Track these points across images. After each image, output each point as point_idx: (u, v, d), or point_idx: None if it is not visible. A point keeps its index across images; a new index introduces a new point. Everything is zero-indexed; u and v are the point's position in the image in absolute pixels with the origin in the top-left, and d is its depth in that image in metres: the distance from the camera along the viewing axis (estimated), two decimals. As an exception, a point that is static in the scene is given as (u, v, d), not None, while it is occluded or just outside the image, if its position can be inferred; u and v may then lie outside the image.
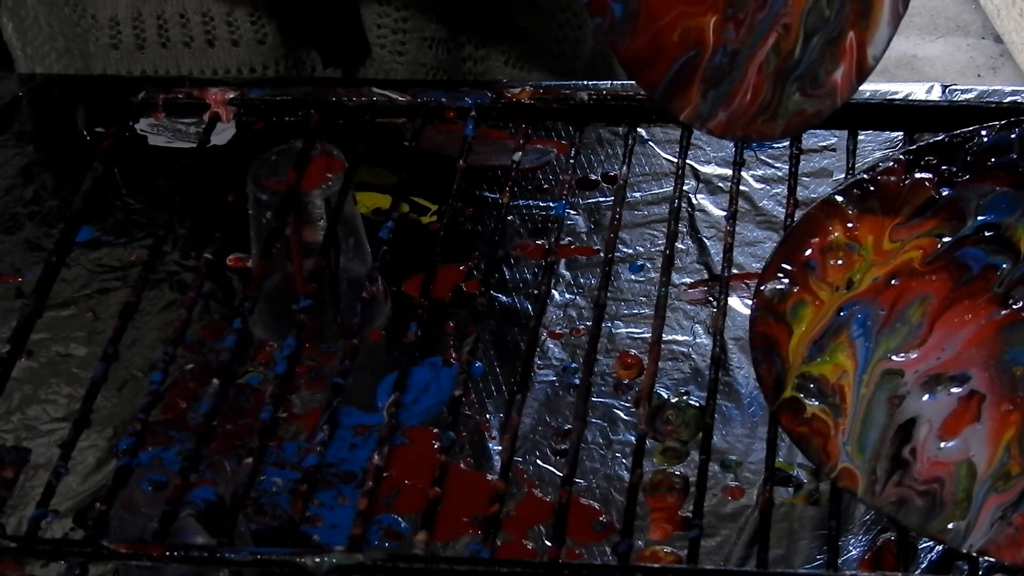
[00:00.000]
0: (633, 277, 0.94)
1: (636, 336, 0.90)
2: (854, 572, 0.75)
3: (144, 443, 0.71)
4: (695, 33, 0.75)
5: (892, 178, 0.77)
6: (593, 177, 1.01)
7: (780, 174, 1.00)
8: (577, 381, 0.87)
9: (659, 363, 0.73)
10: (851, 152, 0.81)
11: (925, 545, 0.76)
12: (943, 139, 0.77)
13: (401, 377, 0.71)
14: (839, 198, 0.76)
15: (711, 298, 0.92)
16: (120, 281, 0.96)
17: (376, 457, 0.67)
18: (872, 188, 0.76)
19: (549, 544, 0.65)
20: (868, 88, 1.02)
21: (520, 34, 1.16)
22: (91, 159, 0.81)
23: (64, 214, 1.00)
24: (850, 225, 0.76)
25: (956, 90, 1.03)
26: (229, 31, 1.12)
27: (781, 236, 0.76)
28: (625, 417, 0.85)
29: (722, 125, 0.76)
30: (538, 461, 0.83)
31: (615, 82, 1.09)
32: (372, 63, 1.14)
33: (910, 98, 1.02)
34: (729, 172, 0.95)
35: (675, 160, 0.81)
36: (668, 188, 1.00)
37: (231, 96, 0.84)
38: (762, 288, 0.73)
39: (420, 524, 0.65)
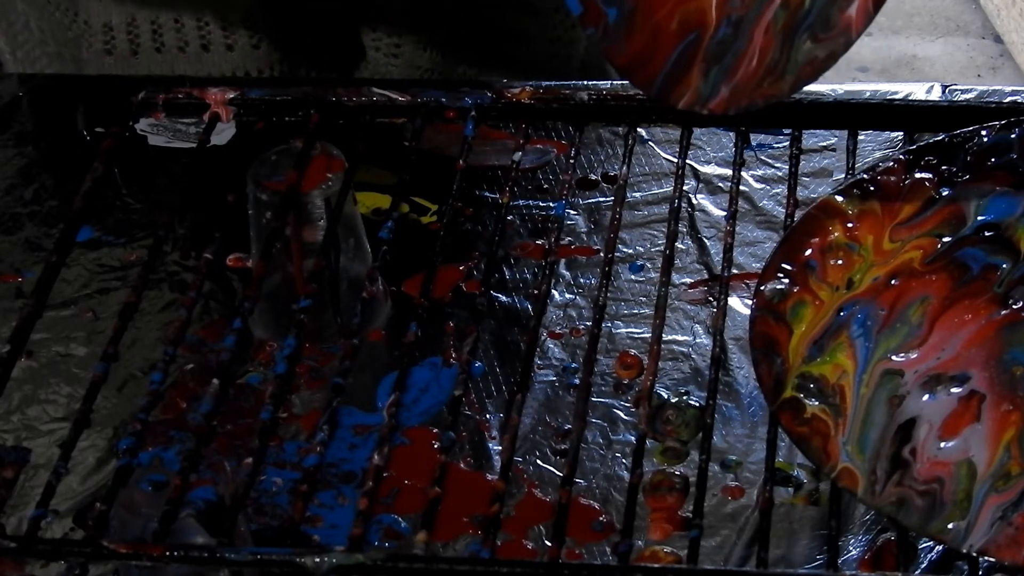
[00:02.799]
0: (633, 277, 0.94)
1: (636, 336, 0.90)
2: (854, 572, 0.75)
3: (144, 443, 0.71)
4: (695, 15, 0.74)
5: (892, 178, 0.77)
6: (593, 177, 1.01)
7: (780, 174, 1.00)
8: (577, 381, 0.87)
9: (659, 363, 0.73)
10: (851, 152, 0.81)
11: (925, 545, 0.76)
12: (943, 139, 0.77)
13: (401, 377, 0.71)
14: (839, 198, 0.76)
15: (711, 298, 0.92)
16: (120, 281, 0.96)
17: (376, 457, 0.67)
18: (872, 188, 0.76)
19: (549, 544, 0.65)
20: (868, 88, 1.03)
21: (515, 37, 1.16)
22: (91, 159, 0.81)
23: (64, 214, 1.00)
24: (850, 225, 0.76)
25: (956, 90, 1.03)
26: (224, 36, 1.12)
27: (781, 236, 0.76)
28: (625, 417, 0.85)
29: (724, 101, 0.75)
30: (538, 461, 0.83)
31: (615, 82, 1.09)
32: (367, 65, 1.14)
33: (910, 98, 1.02)
34: (729, 172, 0.95)
35: (675, 160, 0.81)
36: (668, 188, 1.00)
37: (231, 96, 0.84)
38: (762, 288, 0.73)
39: (420, 524, 0.65)
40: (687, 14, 0.74)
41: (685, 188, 0.95)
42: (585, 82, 1.10)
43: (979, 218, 0.76)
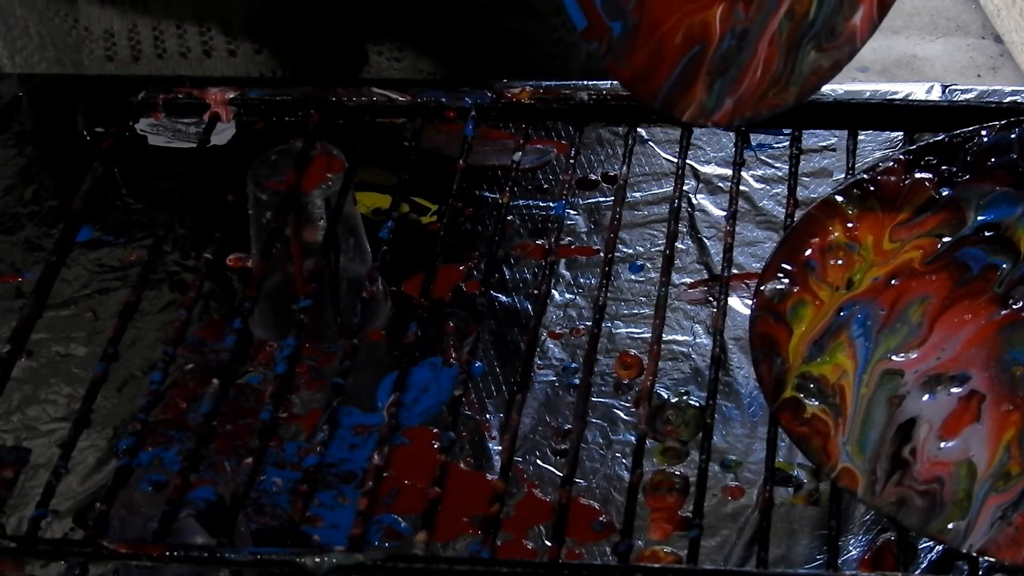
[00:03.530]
0: (633, 277, 0.94)
1: (636, 336, 0.90)
2: (854, 572, 0.75)
3: (144, 443, 0.71)
4: (700, 28, 0.74)
5: (892, 178, 0.77)
6: (593, 177, 1.01)
7: (780, 174, 1.00)
8: (577, 381, 0.87)
9: (659, 363, 0.73)
10: (851, 152, 0.81)
11: (925, 545, 0.76)
12: (943, 139, 0.77)
13: (401, 377, 0.71)
14: (839, 198, 0.76)
15: (711, 298, 0.92)
16: (120, 281, 0.96)
17: (376, 457, 0.67)
18: (872, 188, 0.76)
19: (549, 544, 0.65)
20: (868, 88, 1.03)
21: (517, 41, 1.16)
22: (91, 159, 0.81)
23: (64, 214, 1.00)
24: (850, 225, 0.76)
25: (956, 90, 1.03)
26: (226, 42, 1.12)
27: (781, 236, 0.76)
28: (625, 417, 0.85)
29: (728, 113, 0.76)
30: (538, 461, 0.83)
31: (615, 82, 1.09)
32: (369, 70, 1.14)
33: (910, 98, 1.02)
34: (729, 172, 0.95)
35: (675, 160, 0.81)
36: (668, 188, 1.00)
37: (231, 96, 0.84)
38: (762, 288, 0.73)
39: (420, 524, 0.65)
40: (692, 27, 0.74)
41: (685, 188, 0.95)
42: (585, 82, 1.10)
43: (979, 218, 0.76)
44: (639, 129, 0.85)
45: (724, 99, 0.75)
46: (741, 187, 0.85)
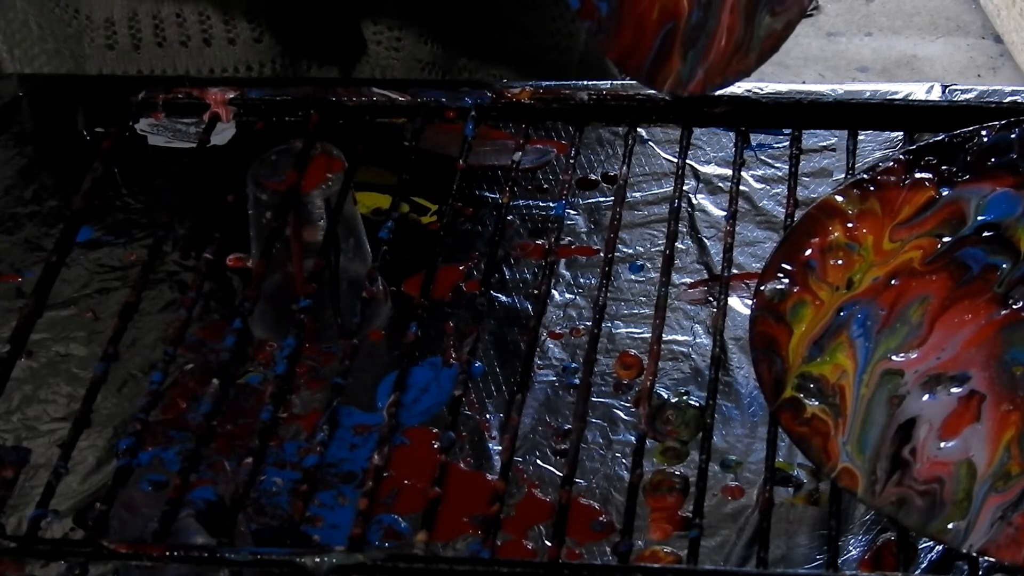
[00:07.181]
0: (633, 277, 0.94)
1: (636, 336, 0.90)
2: (854, 572, 0.75)
3: (144, 443, 0.71)
4: (671, 3, 0.78)
5: (892, 178, 0.77)
6: (593, 177, 1.01)
7: (780, 174, 1.00)
8: (577, 381, 0.87)
9: (659, 363, 0.73)
10: (851, 152, 0.81)
11: (925, 545, 0.76)
12: (943, 139, 0.77)
13: (401, 377, 0.71)
14: (839, 198, 0.76)
15: (711, 298, 0.92)
16: (120, 281, 0.96)
17: (376, 457, 0.67)
18: (872, 188, 0.76)
19: (549, 544, 0.65)
20: (868, 88, 1.03)
21: (516, 30, 1.16)
22: (91, 159, 0.81)
23: (64, 214, 1.00)
24: (850, 225, 0.76)
25: (956, 90, 1.03)
26: (226, 30, 1.12)
27: (781, 236, 0.76)
28: (625, 417, 0.85)
29: (701, 82, 0.79)
30: (538, 461, 0.83)
31: (615, 82, 1.09)
32: (368, 59, 1.14)
33: (910, 98, 1.02)
34: (729, 172, 0.95)
35: (675, 160, 0.81)
36: (668, 188, 1.00)
37: (231, 96, 0.84)
38: (762, 288, 0.73)
39: (420, 524, 0.65)
40: (665, 3, 0.78)
41: (685, 188, 0.95)
42: (585, 82, 1.10)
43: (979, 218, 0.76)
44: (639, 129, 0.85)
45: (696, 68, 0.78)
46: (741, 187, 0.85)
